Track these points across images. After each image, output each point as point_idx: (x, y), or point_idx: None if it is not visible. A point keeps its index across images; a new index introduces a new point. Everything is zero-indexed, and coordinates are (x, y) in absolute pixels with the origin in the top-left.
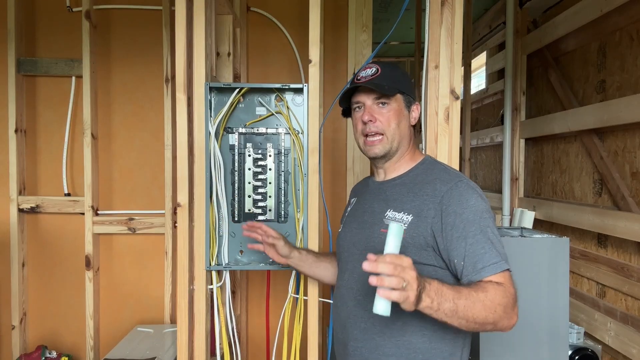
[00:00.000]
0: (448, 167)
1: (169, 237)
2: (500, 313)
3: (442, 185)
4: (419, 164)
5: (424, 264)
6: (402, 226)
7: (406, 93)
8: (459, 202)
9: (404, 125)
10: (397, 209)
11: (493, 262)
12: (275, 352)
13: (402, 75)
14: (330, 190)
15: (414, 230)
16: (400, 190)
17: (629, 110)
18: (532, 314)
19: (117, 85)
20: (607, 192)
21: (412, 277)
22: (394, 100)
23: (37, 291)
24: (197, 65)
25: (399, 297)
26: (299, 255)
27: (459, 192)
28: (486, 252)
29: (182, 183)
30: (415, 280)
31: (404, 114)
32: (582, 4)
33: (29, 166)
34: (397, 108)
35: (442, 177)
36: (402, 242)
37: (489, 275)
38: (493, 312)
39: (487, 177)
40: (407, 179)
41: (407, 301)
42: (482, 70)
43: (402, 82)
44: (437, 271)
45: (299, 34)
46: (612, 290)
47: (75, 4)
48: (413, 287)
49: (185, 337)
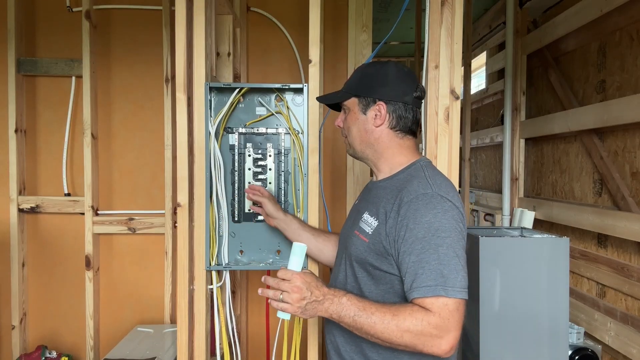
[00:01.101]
0: (430, 175)
1: (169, 237)
2: (409, 339)
3: (406, 196)
4: (406, 167)
5: (384, 271)
6: (304, 246)
7: (362, 95)
8: (414, 217)
9: (357, 129)
10: (370, 212)
11: (425, 285)
12: (275, 352)
13: (364, 76)
14: (330, 190)
15: (376, 237)
16: (380, 193)
17: (629, 110)
18: (532, 314)
19: (117, 85)
20: (607, 192)
21: (293, 289)
22: (349, 106)
23: (37, 291)
24: (197, 65)
25: (276, 306)
26: (284, 218)
27: (417, 205)
28: (424, 272)
29: (182, 183)
30: (297, 292)
31: (358, 117)
32: (582, 4)
33: (29, 166)
34: (351, 114)
35: (412, 187)
36: (365, 246)
37: (419, 298)
38: (399, 337)
39: (487, 177)
40: (390, 182)
41: (290, 309)
42: (482, 70)
43: (360, 84)
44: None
45: (299, 34)
46: (612, 290)
47: (75, 4)
48: (292, 298)
49: (185, 337)
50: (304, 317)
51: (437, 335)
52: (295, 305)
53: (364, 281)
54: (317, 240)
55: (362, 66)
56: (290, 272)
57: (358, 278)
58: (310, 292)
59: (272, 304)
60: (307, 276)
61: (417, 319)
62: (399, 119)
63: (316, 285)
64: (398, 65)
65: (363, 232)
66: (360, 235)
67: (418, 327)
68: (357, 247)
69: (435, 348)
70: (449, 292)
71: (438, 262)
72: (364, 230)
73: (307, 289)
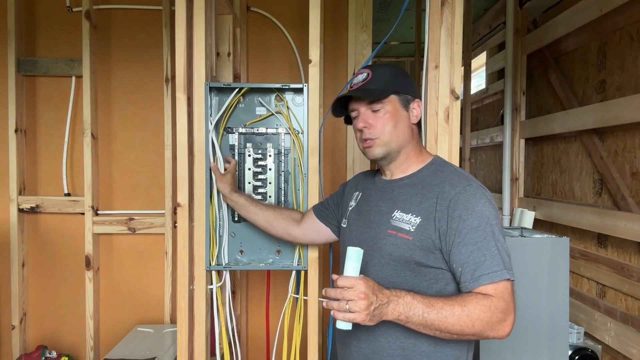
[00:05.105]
0: (458, 169)
1: (169, 237)
2: (480, 327)
3: (451, 189)
4: (428, 164)
5: (431, 267)
6: (360, 250)
7: (402, 92)
8: (465, 207)
9: (402, 125)
10: (404, 210)
11: (492, 271)
12: (275, 352)
13: (395, 74)
14: (330, 190)
15: (421, 233)
16: (409, 191)
17: (629, 110)
18: (532, 314)
19: (117, 85)
20: (607, 192)
21: (359, 296)
22: (388, 103)
23: (37, 291)
24: (197, 65)
25: (343, 317)
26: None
27: (466, 196)
28: (486, 259)
29: (182, 183)
30: (364, 298)
31: (401, 114)
32: (582, 4)
33: (29, 166)
34: (392, 110)
35: (452, 179)
36: (409, 244)
37: (484, 284)
38: (470, 326)
39: (487, 177)
40: (416, 179)
41: (358, 318)
42: (482, 70)
43: (396, 81)
44: (444, 274)
45: (299, 34)
46: (612, 290)
47: (75, 4)
48: (360, 306)
49: (185, 337)
50: (372, 324)
51: (502, 319)
52: (364, 313)
53: (407, 280)
54: (265, 214)
55: (385, 65)
56: (352, 279)
57: (401, 277)
58: (375, 296)
59: (338, 315)
60: (369, 280)
61: (485, 306)
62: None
63: (379, 288)
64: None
65: (402, 230)
66: (400, 234)
67: (487, 314)
68: (397, 246)
69: (500, 332)
70: (511, 275)
71: (496, 248)
72: (402, 229)
73: (373, 293)
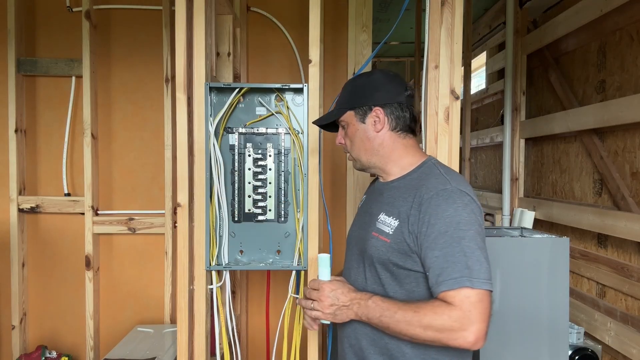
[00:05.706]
0: (445, 172)
1: (169, 237)
2: (433, 335)
3: (426, 193)
4: (418, 167)
5: (409, 270)
6: (327, 256)
7: (357, 106)
8: (435, 212)
9: (362, 139)
10: (387, 213)
11: (451, 278)
12: (275, 352)
13: (353, 88)
14: (330, 190)
15: (398, 236)
16: (394, 194)
17: (629, 110)
18: (532, 314)
19: (117, 85)
20: (607, 192)
21: (321, 298)
22: (347, 120)
23: (37, 291)
24: (197, 65)
25: (309, 314)
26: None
27: (437, 201)
28: (449, 266)
29: (182, 183)
30: (325, 300)
31: (358, 128)
32: (582, 4)
33: (29, 166)
34: (351, 127)
35: (430, 182)
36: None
37: (444, 291)
38: (423, 333)
39: (487, 177)
40: (403, 182)
41: (321, 316)
42: (482, 70)
43: (351, 97)
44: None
45: (299, 34)
46: (612, 290)
47: (75, 4)
48: (322, 306)
49: (185, 337)
50: (337, 321)
51: (460, 328)
52: (326, 312)
53: (388, 282)
54: None
55: (350, 81)
56: (318, 282)
57: (381, 279)
58: (337, 299)
59: (304, 312)
60: (334, 284)
61: (438, 314)
62: (397, 120)
63: (343, 291)
64: (383, 70)
65: (382, 232)
66: (380, 236)
67: (439, 322)
68: (377, 248)
69: (460, 341)
70: (474, 283)
71: (462, 254)
72: (383, 231)
73: (335, 296)
